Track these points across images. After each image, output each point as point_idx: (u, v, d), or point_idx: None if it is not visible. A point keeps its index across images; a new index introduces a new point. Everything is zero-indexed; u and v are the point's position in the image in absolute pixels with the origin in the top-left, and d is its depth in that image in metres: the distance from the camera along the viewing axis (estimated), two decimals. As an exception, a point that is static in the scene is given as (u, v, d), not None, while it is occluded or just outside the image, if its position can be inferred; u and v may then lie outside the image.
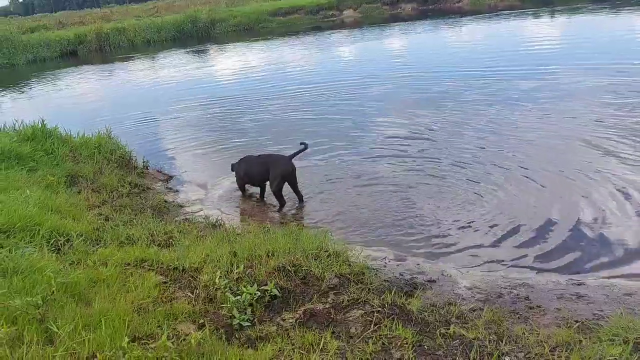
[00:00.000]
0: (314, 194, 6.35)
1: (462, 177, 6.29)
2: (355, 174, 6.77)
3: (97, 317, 2.95)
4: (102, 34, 28.41)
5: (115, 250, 4.13)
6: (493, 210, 5.44)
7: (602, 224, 4.93)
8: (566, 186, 5.78)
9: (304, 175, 6.86)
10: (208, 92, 13.74)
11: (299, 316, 3.27)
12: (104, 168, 6.80)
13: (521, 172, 6.27)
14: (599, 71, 10.55)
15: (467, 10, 27.08)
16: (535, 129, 7.72)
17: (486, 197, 5.74)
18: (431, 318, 3.21)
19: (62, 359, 2.54)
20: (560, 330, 2.99)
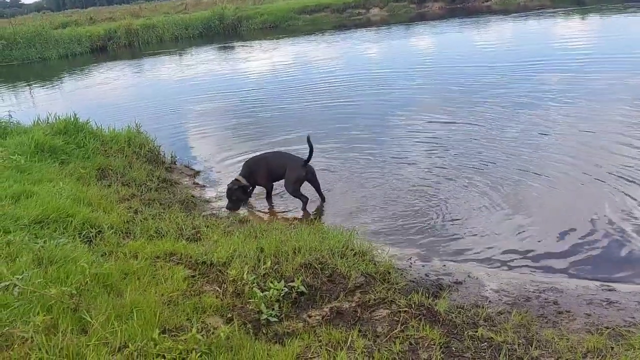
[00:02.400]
0: (341, 191, 6.35)
1: (491, 178, 6.21)
2: (382, 173, 6.75)
3: (128, 308, 3.01)
4: (131, 30, 28.85)
5: (145, 243, 4.20)
6: (521, 213, 5.36)
7: (635, 228, 4.83)
8: (598, 189, 5.66)
9: (330, 173, 6.90)
10: (236, 89, 13.86)
11: (325, 313, 3.29)
12: (133, 162, 6.92)
13: (551, 174, 6.16)
14: (632, 71, 10.31)
15: (495, 10, 26.69)
16: (567, 130, 7.58)
17: (514, 199, 5.67)
18: (458, 320, 3.19)
19: (95, 348, 2.60)
20: (591, 336, 2.94)
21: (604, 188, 5.63)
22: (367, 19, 29.59)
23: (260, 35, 27.35)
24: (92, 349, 2.58)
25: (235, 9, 31.40)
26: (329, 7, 31.17)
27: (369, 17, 30.13)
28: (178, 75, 17.66)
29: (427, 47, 18.02)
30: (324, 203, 6.13)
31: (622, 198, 5.37)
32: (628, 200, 5.30)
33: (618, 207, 5.22)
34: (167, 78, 17.32)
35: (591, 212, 5.20)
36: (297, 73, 15.38)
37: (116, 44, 28.55)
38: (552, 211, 5.33)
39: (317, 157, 7.56)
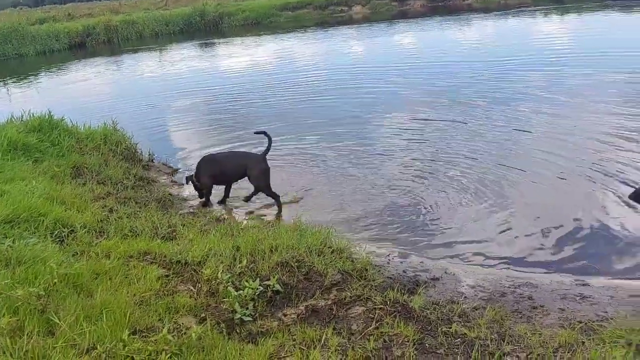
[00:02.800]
0: (321, 188, 6.33)
1: (471, 174, 6.25)
2: (362, 169, 6.75)
3: (98, 309, 2.96)
4: (110, 26, 28.43)
5: (119, 242, 4.14)
6: (499, 209, 5.40)
7: (609, 224, 4.89)
8: (576, 185, 5.73)
9: (310, 169, 6.89)
10: (216, 85, 13.78)
11: (300, 312, 3.27)
12: (109, 160, 6.81)
13: (528, 170, 6.22)
14: (611, 68, 10.46)
15: (476, 8, 26.87)
16: (546, 127, 7.67)
17: (492, 195, 5.70)
18: (433, 316, 3.19)
19: (62, 350, 2.54)
20: (564, 331, 2.96)
21: (582, 184, 5.70)
22: (349, 16, 29.58)
23: (242, 31, 27.18)
24: (58, 351, 2.52)
25: (216, 5, 31.14)
26: (311, 4, 31.09)
27: (351, 14, 30.13)
28: (158, 71, 17.47)
29: (408, 45, 18.09)
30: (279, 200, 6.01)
31: (599, 194, 5.44)
32: (605, 196, 5.36)
33: (595, 203, 5.29)
34: (147, 75, 17.12)
35: (568, 208, 5.26)
36: (278, 70, 15.34)
37: (95, 41, 28.10)
38: (530, 207, 5.38)
39: (297, 153, 7.60)
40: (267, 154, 5.83)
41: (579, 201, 5.36)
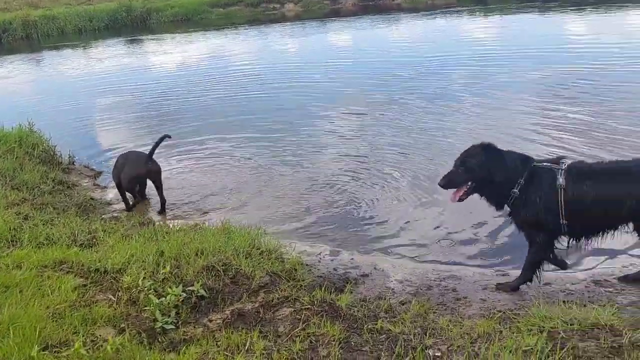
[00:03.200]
0: (249, 188, 6.25)
1: (403, 170, 6.37)
2: (295, 166, 6.75)
3: (5, 325, 2.76)
4: (29, 22, 26.80)
5: (32, 251, 3.89)
6: (430, 205, 5.52)
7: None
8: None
9: (238, 170, 6.79)
10: (144, 83, 13.32)
11: (226, 317, 3.19)
12: (25, 163, 6.42)
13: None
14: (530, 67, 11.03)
15: (405, 8, 27.49)
16: (475, 122, 7.98)
17: (424, 191, 5.82)
18: (360, 313, 3.21)
19: (-37, 373, 2.35)
20: (484, 321, 3.06)
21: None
22: (281, 14, 29.45)
23: (171, 28, 26.43)
24: (-43, 374, 2.33)
25: (143, 1, 30.07)
26: (242, 1, 30.67)
27: (284, 12, 30.00)
28: (81, 69, 16.65)
29: (342, 43, 18.28)
30: (165, 205, 5.86)
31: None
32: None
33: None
34: (69, 73, 16.28)
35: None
36: (209, 67, 15.04)
37: (12, 37, 26.40)
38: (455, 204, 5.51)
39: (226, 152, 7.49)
40: (152, 155, 5.67)
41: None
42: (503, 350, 2.62)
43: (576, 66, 10.58)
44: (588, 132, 7.01)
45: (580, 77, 9.72)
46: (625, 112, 7.58)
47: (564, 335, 2.76)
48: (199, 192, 6.28)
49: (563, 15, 19.43)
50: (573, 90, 8.98)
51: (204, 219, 5.51)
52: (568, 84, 9.37)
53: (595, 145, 6.50)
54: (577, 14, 19.43)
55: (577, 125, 7.31)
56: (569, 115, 7.76)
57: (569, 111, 7.94)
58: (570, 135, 6.98)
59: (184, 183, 6.53)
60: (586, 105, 8.09)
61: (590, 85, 9.19)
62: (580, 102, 8.30)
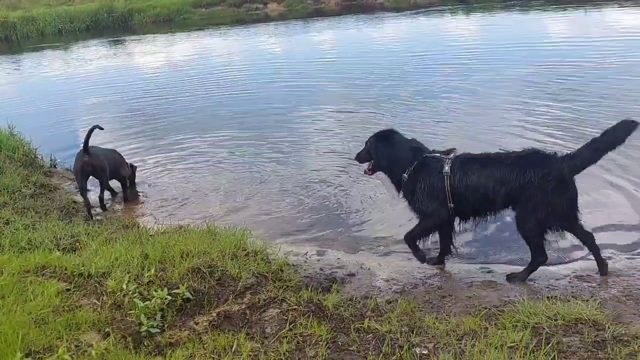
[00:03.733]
0: (236, 189, 6.23)
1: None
2: (279, 168, 6.73)
3: (-13, 332, 2.71)
4: (7, 23, 26.38)
5: (14, 256, 3.83)
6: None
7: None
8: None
9: (225, 172, 6.76)
10: (124, 84, 13.21)
11: (212, 319, 3.17)
12: (5, 167, 6.32)
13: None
14: (514, 64, 11.16)
15: (388, 7, 27.59)
16: (460, 117, 8.08)
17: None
18: (347, 313, 3.22)
19: (-57, 382, 2.31)
20: (469, 318, 3.08)
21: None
22: (265, 14, 29.37)
23: (154, 29, 26.20)
24: (-63, 384, 2.28)
25: (125, 1, 29.77)
26: (225, 2, 30.52)
27: (267, 12, 29.92)
28: (62, 71, 16.44)
29: (326, 42, 18.29)
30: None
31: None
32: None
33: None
34: (49, 75, 16.06)
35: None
36: (193, 67, 14.99)
37: (-10, 38, 26.02)
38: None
39: (212, 150, 7.49)
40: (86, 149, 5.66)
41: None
42: (489, 347, 2.64)
43: (559, 63, 10.78)
44: (572, 127, 7.11)
45: (563, 74, 9.90)
46: (609, 107, 7.70)
47: (548, 331, 2.80)
48: (182, 193, 6.26)
49: (544, 14, 19.67)
50: (557, 87, 9.12)
51: (187, 220, 5.47)
52: (552, 80, 9.52)
53: (579, 140, 6.59)
54: (559, 12, 19.68)
55: (562, 121, 7.43)
56: (553, 111, 7.91)
57: (553, 107, 8.09)
58: (554, 130, 7.11)
59: (166, 183, 6.50)
60: (570, 102, 8.22)
61: (574, 81, 9.36)
62: (564, 98, 8.42)
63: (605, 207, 5.07)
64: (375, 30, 20.42)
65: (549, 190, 3.62)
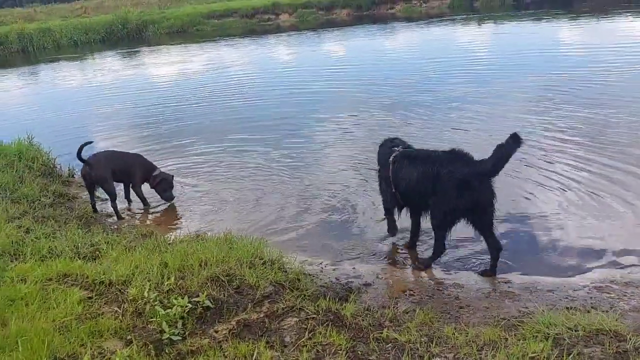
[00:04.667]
0: (251, 199, 6.27)
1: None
2: (293, 180, 6.76)
3: (13, 338, 2.77)
4: (24, 35, 26.85)
5: (36, 265, 3.89)
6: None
7: (528, 222, 5.15)
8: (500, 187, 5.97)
9: (239, 181, 6.81)
10: (139, 95, 13.37)
11: (232, 327, 3.20)
12: (25, 177, 6.42)
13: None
14: (526, 73, 11.16)
15: (400, 17, 27.73)
16: (476, 126, 8.06)
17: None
18: (365, 322, 3.23)
19: (-28, 387, 2.35)
20: (488, 328, 3.08)
21: (507, 186, 5.93)
22: (276, 24, 29.63)
23: (167, 40, 26.53)
24: (-33, 389, 2.33)
25: (139, 13, 30.20)
26: (237, 12, 30.85)
27: (279, 23, 30.19)
28: (78, 81, 16.68)
29: (338, 52, 18.43)
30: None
31: (518, 192, 5.70)
32: (526, 198, 5.63)
33: (515, 202, 5.54)
34: (66, 85, 16.31)
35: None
36: (206, 77, 15.15)
37: (7, 50, 26.44)
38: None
39: (226, 158, 7.56)
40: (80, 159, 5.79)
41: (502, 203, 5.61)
42: (510, 357, 2.65)
43: (574, 70, 10.84)
44: (590, 134, 7.12)
45: (579, 80, 9.91)
46: (625, 115, 7.69)
47: (569, 342, 2.79)
48: (195, 201, 6.32)
49: (557, 23, 19.64)
50: (570, 96, 9.11)
51: (204, 228, 5.52)
52: (564, 89, 9.51)
53: (596, 147, 6.65)
54: (571, 21, 19.65)
55: (576, 129, 7.42)
56: (566, 120, 7.87)
57: (567, 116, 8.06)
58: (570, 136, 7.16)
59: (179, 191, 6.56)
60: (584, 110, 8.21)
61: (588, 89, 9.37)
62: (578, 108, 8.41)
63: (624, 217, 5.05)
64: (388, 40, 20.52)
65: (451, 187, 4.07)
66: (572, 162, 6.35)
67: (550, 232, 4.94)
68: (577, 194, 5.57)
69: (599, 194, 5.53)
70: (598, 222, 4.99)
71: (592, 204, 5.34)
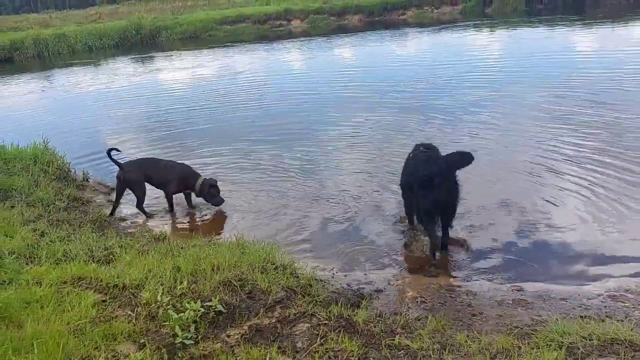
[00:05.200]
0: (263, 202, 6.30)
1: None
2: (303, 185, 6.77)
3: (29, 340, 2.80)
4: (40, 40, 27.22)
5: (51, 268, 3.93)
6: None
7: (542, 228, 5.12)
8: (506, 193, 5.95)
9: (252, 185, 6.85)
10: (152, 100, 13.48)
11: (244, 332, 3.21)
12: (40, 181, 6.50)
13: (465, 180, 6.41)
14: (540, 80, 11.10)
15: (411, 23, 27.73)
16: (492, 134, 8.03)
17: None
18: (377, 329, 3.22)
19: (-11, 388, 2.39)
20: (501, 337, 3.06)
21: (517, 194, 5.92)
22: (288, 30, 29.76)
23: (180, 45, 26.74)
24: (-16, 390, 2.36)
25: (153, 19, 30.50)
26: (249, 18, 31.05)
27: (290, 28, 30.33)
28: (92, 86, 16.85)
29: (351, 57, 18.46)
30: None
31: (533, 203, 5.67)
32: (538, 205, 5.60)
33: (528, 209, 5.51)
34: (80, 90, 16.46)
35: (503, 216, 5.46)
36: (219, 82, 15.22)
37: (23, 55, 26.81)
38: (467, 217, 5.53)
39: (239, 162, 7.61)
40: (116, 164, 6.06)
41: (514, 210, 5.58)
42: (523, 366, 2.63)
43: (587, 77, 10.79)
44: (605, 140, 7.08)
45: (593, 87, 9.88)
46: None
47: (584, 351, 2.77)
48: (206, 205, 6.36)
49: (570, 29, 19.53)
50: (586, 100, 9.09)
51: (220, 234, 5.56)
52: (580, 94, 9.48)
53: (611, 153, 6.61)
54: (585, 28, 19.53)
55: (594, 134, 7.39)
56: (583, 124, 7.85)
57: (584, 121, 8.04)
58: (586, 141, 7.14)
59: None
60: (601, 115, 8.18)
61: (605, 94, 9.34)
62: (595, 112, 8.38)
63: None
64: (400, 45, 20.51)
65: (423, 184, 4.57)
66: (589, 167, 6.32)
67: (564, 238, 4.91)
68: (594, 200, 5.53)
69: (616, 199, 5.48)
70: (613, 229, 4.95)
71: (608, 210, 5.30)
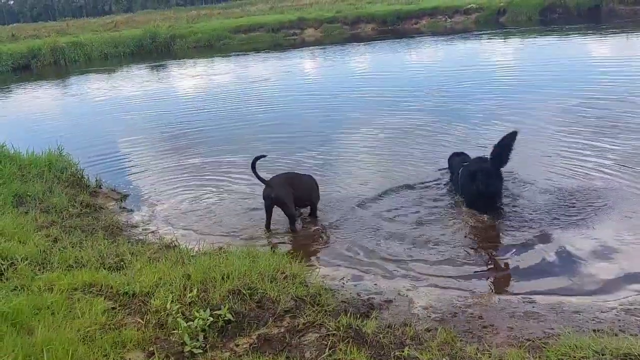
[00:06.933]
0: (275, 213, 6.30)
1: (422, 195, 6.36)
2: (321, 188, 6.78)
3: (39, 347, 2.82)
4: (57, 48, 27.67)
5: (62, 274, 3.97)
6: (449, 230, 5.49)
7: (553, 241, 5.06)
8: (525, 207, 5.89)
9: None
10: (165, 108, 13.60)
11: (253, 341, 3.21)
12: (54, 187, 6.57)
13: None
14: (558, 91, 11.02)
15: (424, 32, 27.74)
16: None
17: (443, 216, 5.80)
18: (386, 340, 3.20)
19: (-1, 394, 2.40)
20: (512, 350, 3.03)
21: (530, 204, 5.86)
22: (302, 39, 29.93)
23: (195, 54, 27.02)
24: (-6, 396, 2.38)
25: (168, 28, 30.89)
26: (263, 27, 31.30)
27: (304, 37, 30.50)
28: (107, 94, 17.07)
29: (364, 66, 18.49)
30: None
31: (545, 214, 5.60)
32: (550, 216, 5.53)
33: (540, 220, 5.45)
34: (96, 97, 16.68)
35: (517, 228, 5.41)
36: (234, 90, 15.34)
37: (41, 62, 27.26)
38: (479, 228, 5.48)
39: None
40: (260, 179, 5.63)
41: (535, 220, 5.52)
42: (534, 380, 2.58)
43: (604, 87, 10.67)
44: (623, 154, 6.96)
45: (611, 98, 9.74)
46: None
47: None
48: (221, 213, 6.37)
49: (585, 39, 19.39)
50: (605, 110, 8.98)
51: (227, 241, 5.56)
52: (598, 107, 9.32)
53: (627, 168, 6.51)
54: (600, 37, 19.37)
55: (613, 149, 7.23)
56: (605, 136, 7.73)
57: (604, 132, 7.92)
58: (606, 151, 7.08)
59: (201, 205, 6.62)
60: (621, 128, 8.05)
61: (622, 104, 9.24)
62: (613, 124, 8.26)
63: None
64: (414, 54, 20.53)
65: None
66: (606, 178, 6.23)
67: (578, 250, 4.84)
68: (609, 213, 5.44)
69: (630, 209, 5.40)
70: (629, 243, 4.87)
71: (623, 223, 5.22)
